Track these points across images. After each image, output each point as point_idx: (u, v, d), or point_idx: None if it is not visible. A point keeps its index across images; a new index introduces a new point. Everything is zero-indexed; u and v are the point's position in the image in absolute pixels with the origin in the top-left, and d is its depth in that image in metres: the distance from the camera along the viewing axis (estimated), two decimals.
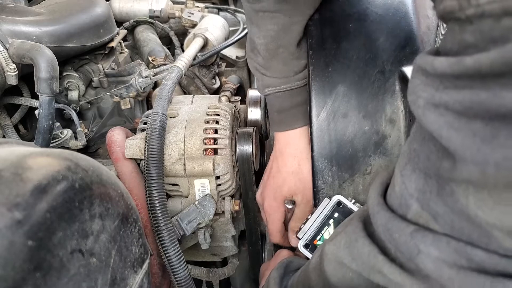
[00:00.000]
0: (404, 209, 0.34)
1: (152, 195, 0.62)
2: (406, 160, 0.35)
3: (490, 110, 0.24)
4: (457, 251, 0.29)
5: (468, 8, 0.25)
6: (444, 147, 0.28)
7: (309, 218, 0.62)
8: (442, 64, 0.27)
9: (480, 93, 0.25)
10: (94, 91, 0.96)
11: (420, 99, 0.29)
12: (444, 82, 0.27)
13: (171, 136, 0.71)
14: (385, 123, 0.60)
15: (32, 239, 0.32)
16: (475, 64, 0.24)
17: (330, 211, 0.60)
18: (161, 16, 1.17)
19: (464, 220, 0.29)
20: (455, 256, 0.29)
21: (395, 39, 0.62)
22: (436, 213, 0.31)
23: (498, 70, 0.23)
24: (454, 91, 0.26)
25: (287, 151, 0.70)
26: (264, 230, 0.85)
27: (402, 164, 0.35)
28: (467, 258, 0.29)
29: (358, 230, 0.39)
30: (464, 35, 0.26)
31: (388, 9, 0.64)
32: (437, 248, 0.30)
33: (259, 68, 0.68)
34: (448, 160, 0.28)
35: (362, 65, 0.61)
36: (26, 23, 0.76)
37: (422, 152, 0.32)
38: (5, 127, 0.79)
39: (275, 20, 0.61)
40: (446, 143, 0.28)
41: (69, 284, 0.35)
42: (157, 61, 1.00)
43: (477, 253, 0.28)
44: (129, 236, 0.46)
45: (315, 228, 0.61)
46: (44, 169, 0.36)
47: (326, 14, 0.66)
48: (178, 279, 0.61)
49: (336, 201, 0.60)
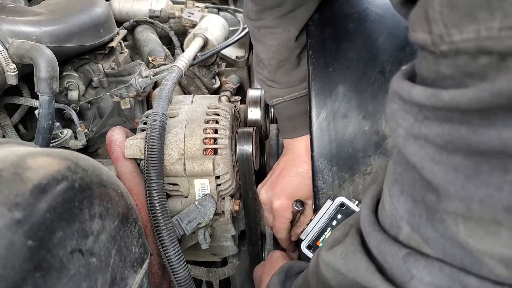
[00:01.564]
0: (396, 230, 0.34)
1: (152, 195, 0.62)
2: (393, 180, 0.34)
3: (471, 145, 0.24)
4: (451, 277, 0.29)
5: (441, 44, 0.24)
6: (427, 179, 0.28)
7: (312, 219, 0.63)
8: (419, 94, 0.26)
9: (460, 128, 0.24)
10: (94, 91, 0.96)
11: (400, 128, 0.29)
12: (423, 111, 0.26)
13: (171, 136, 0.71)
14: (385, 124, 0.60)
15: (32, 239, 0.32)
16: (452, 100, 0.24)
17: (333, 213, 0.60)
18: (161, 16, 1.17)
19: (456, 246, 0.28)
20: (449, 282, 0.29)
21: (395, 40, 0.62)
22: (427, 237, 0.30)
23: (476, 107, 0.23)
24: (433, 123, 0.26)
25: (301, 154, 0.71)
26: (264, 230, 0.85)
27: (389, 183, 0.35)
28: (461, 284, 0.28)
29: (356, 243, 0.38)
30: (439, 67, 0.25)
31: (388, 9, 0.64)
32: (430, 274, 0.30)
33: (265, 80, 0.72)
34: (433, 193, 0.28)
35: (362, 65, 0.61)
36: (26, 23, 0.76)
37: (407, 178, 0.31)
38: (5, 127, 0.78)
39: (275, 36, 0.65)
40: (428, 176, 0.27)
41: (69, 284, 0.35)
42: (157, 61, 1.00)
43: (470, 280, 0.28)
44: (129, 236, 0.46)
45: (318, 229, 0.62)
46: (44, 169, 0.36)
47: (326, 14, 0.66)
48: (178, 279, 0.61)
49: (339, 202, 0.60)
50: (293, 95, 0.70)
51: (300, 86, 0.69)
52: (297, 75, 0.69)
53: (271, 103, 0.73)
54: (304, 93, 0.69)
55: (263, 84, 0.73)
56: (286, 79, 0.69)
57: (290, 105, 0.71)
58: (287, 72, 0.68)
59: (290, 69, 0.68)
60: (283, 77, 0.69)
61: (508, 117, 0.22)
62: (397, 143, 0.30)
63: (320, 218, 0.61)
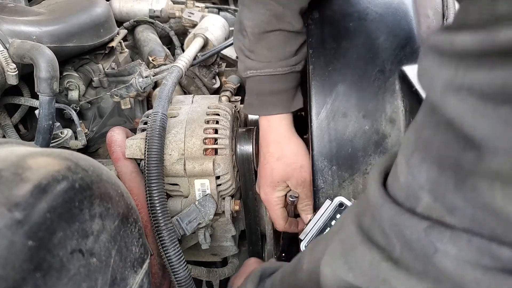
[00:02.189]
0: (413, 202, 0.31)
1: (152, 195, 0.62)
2: (413, 148, 0.31)
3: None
4: (480, 248, 0.26)
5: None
6: (468, 136, 0.25)
7: (312, 219, 0.62)
8: (465, 40, 0.24)
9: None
10: (94, 91, 0.96)
11: (436, 82, 0.26)
12: (466, 61, 0.24)
13: (171, 136, 0.71)
14: (385, 123, 0.60)
15: (32, 239, 0.32)
16: (510, 39, 0.21)
17: (332, 212, 0.60)
18: (161, 16, 1.17)
19: (488, 214, 0.26)
20: (478, 254, 0.26)
21: (395, 38, 0.62)
22: (452, 206, 0.28)
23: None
24: (480, 71, 0.23)
25: (270, 138, 0.70)
26: (264, 230, 0.85)
27: (407, 153, 0.32)
28: (491, 256, 0.26)
29: (354, 235, 0.36)
30: (495, 6, 0.23)
31: (388, 8, 0.64)
32: (456, 246, 0.27)
33: (244, 49, 0.69)
34: (472, 151, 0.25)
35: (362, 64, 0.61)
36: (26, 23, 0.76)
37: (437, 141, 0.28)
38: (5, 127, 0.79)
39: (268, 6, 0.63)
40: (470, 131, 0.25)
41: (69, 284, 0.35)
42: (157, 61, 1.00)
43: (503, 250, 0.26)
44: (129, 236, 0.46)
45: (317, 229, 0.61)
46: (44, 169, 0.36)
47: (326, 13, 0.66)
48: (178, 279, 0.61)
49: (338, 202, 0.60)
50: (268, 71, 0.67)
51: (277, 63, 0.67)
52: (279, 52, 0.66)
53: (244, 74, 0.70)
54: (279, 72, 0.67)
55: (240, 53, 0.70)
56: (266, 52, 0.67)
57: (263, 81, 0.68)
58: (271, 46, 0.66)
59: (275, 45, 0.66)
60: (263, 50, 0.67)
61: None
62: (431, 99, 0.28)
63: (319, 218, 0.61)
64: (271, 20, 0.64)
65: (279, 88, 0.68)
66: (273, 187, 0.71)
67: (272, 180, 0.71)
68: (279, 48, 0.66)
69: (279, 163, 0.70)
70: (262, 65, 0.67)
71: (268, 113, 0.70)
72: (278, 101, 0.69)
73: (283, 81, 0.68)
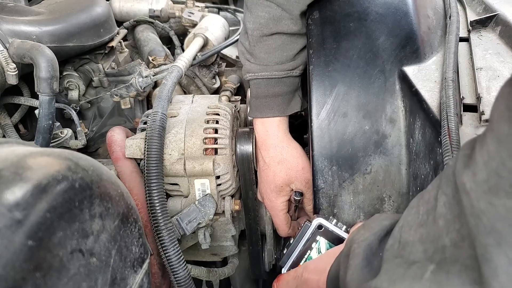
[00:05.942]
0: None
1: (152, 195, 0.62)
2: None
3: None
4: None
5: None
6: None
7: (290, 244, 0.60)
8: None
9: None
10: (94, 90, 0.96)
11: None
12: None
13: (171, 135, 0.71)
14: (385, 123, 0.60)
15: (32, 239, 0.32)
16: None
17: (311, 235, 0.59)
18: (161, 15, 1.17)
19: None
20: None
21: (396, 39, 0.62)
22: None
23: None
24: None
25: (269, 142, 0.71)
26: (264, 230, 0.85)
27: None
28: None
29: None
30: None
31: (388, 9, 0.64)
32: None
33: (245, 52, 0.71)
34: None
35: (363, 64, 0.61)
36: (26, 22, 0.76)
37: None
38: (5, 127, 0.78)
39: (268, 9, 0.64)
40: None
41: (69, 284, 0.35)
42: (157, 60, 1.00)
43: None
44: (129, 236, 0.46)
45: (297, 253, 0.59)
46: (44, 169, 0.36)
47: (326, 13, 0.66)
48: (178, 279, 0.61)
49: (317, 224, 0.58)
50: (264, 74, 0.69)
51: (274, 67, 0.68)
52: (276, 56, 0.68)
53: (245, 77, 0.72)
54: (275, 76, 0.68)
55: (242, 57, 0.72)
56: (263, 56, 0.68)
57: (260, 84, 0.70)
58: (268, 50, 0.67)
59: (272, 48, 0.67)
60: (261, 53, 0.68)
61: None
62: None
63: (299, 242, 0.59)
64: (269, 23, 0.65)
65: (275, 92, 0.69)
66: (278, 192, 0.72)
67: (275, 185, 0.71)
68: (277, 52, 0.67)
69: (281, 167, 0.70)
70: (259, 68, 0.69)
71: (263, 115, 0.71)
72: (274, 104, 0.70)
73: (279, 85, 0.69)
